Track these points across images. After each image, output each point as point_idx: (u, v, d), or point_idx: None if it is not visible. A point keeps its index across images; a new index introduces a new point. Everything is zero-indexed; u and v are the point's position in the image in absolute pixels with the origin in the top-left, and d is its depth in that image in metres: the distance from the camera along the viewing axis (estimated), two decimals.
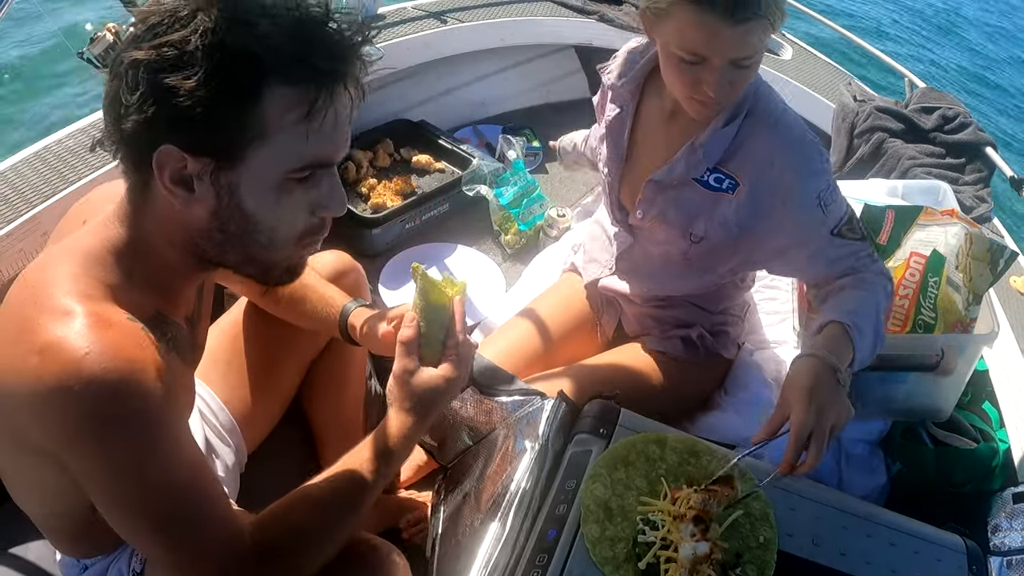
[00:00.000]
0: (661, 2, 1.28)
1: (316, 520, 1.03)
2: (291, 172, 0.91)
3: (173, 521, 0.92)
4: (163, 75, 0.82)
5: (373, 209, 2.31)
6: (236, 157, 0.88)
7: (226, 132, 0.86)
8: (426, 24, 2.67)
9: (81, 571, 1.23)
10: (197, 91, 0.82)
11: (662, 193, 1.52)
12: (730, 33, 1.23)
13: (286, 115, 0.87)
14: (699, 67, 1.29)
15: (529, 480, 1.25)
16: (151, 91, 0.83)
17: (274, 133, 0.87)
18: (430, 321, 1.16)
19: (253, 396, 1.51)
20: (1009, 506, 1.47)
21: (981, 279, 1.66)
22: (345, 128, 0.94)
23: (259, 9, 0.85)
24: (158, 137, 0.86)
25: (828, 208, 1.40)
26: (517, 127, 2.90)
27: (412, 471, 1.74)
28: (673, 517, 1.16)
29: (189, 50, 0.82)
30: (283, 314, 1.46)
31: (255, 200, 0.92)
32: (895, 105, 2.62)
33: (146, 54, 0.83)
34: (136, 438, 0.88)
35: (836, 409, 1.22)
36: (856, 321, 1.32)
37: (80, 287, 0.91)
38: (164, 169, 0.88)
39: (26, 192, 1.70)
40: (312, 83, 0.87)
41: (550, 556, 1.13)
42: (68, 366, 0.83)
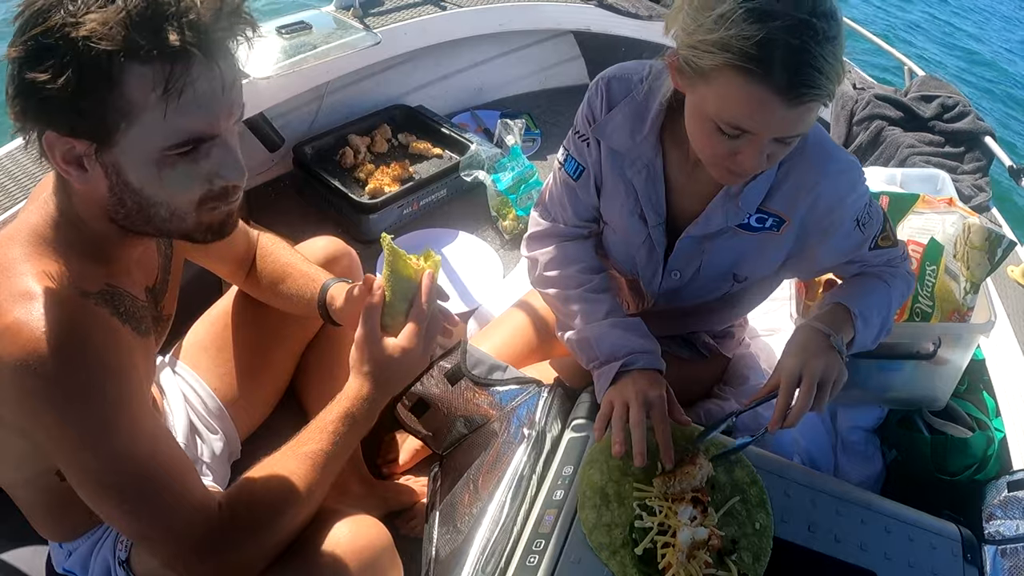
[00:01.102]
0: (704, 60, 1.06)
1: (284, 487, 1.06)
2: (166, 149, 0.91)
3: (136, 491, 0.96)
4: (26, 69, 0.84)
5: (371, 195, 2.31)
6: (109, 139, 0.89)
7: (92, 117, 0.87)
8: (424, 9, 2.66)
9: (66, 557, 1.24)
10: (53, 82, 0.83)
11: (699, 246, 1.40)
12: (784, 113, 1.05)
13: (148, 95, 0.87)
14: (737, 139, 1.11)
15: (526, 466, 1.25)
16: (19, 85, 0.86)
17: (140, 112, 0.88)
18: (395, 291, 1.17)
19: (244, 383, 1.51)
20: (1004, 494, 1.48)
21: (979, 268, 1.66)
22: (220, 99, 0.92)
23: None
24: (38, 125, 0.89)
25: (866, 227, 1.34)
26: (515, 113, 2.89)
27: (409, 455, 1.75)
28: (672, 500, 1.16)
29: (47, 43, 0.83)
30: (265, 296, 1.47)
31: (138, 177, 0.93)
32: (894, 93, 2.61)
33: (16, 50, 0.85)
34: (94, 412, 0.92)
35: (826, 360, 1.22)
36: (862, 309, 1.31)
37: (33, 266, 0.95)
38: (54, 152, 0.90)
39: (22, 179, 1.70)
40: (166, 60, 0.86)
41: (547, 541, 1.14)
42: (27, 346, 0.88)
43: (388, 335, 1.17)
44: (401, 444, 1.76)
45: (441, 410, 1.48)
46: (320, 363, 1.63)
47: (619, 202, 1.43)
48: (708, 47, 1.05)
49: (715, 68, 1.05)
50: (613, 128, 1.36)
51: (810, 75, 1.02)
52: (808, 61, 1.01)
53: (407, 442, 1.76)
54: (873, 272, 1.41)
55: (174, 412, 1.40)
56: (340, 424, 1.12)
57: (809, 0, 1.01)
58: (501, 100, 3.08)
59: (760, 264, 1.43)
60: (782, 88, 1.02)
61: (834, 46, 1.03)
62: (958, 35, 8.36)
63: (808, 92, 1.03)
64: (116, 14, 0.83)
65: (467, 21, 2.75)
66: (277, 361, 1.59)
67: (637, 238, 1.45)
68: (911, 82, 2.73)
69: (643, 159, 1.36)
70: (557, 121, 2.98)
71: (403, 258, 1.18)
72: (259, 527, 1.04)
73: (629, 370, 1.31)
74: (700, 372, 1.75)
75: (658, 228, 1.41)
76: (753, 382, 1.76)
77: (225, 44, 0.91)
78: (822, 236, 1.35)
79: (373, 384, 1.15)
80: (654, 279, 1.50)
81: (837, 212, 1.31)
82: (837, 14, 1.04)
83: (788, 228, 1.34)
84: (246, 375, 1.52)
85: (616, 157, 1.39)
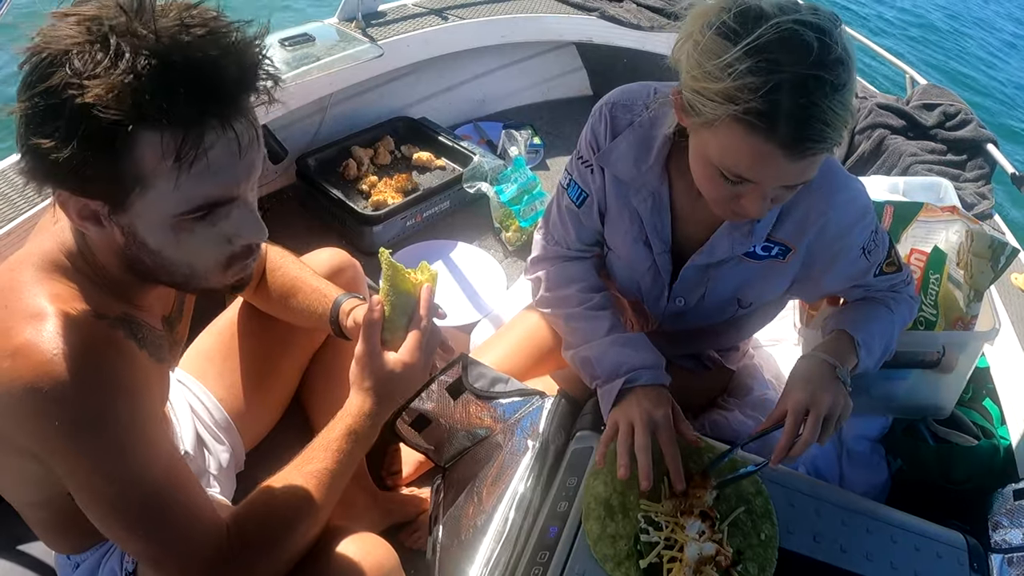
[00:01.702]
0: (707, 107, 1.04)
1: (287, 508, 1.06)
2: (180, 215, 0.88)
3: (150, 516, 0.95)
4: (31, 133, 0.81)
5: (374, 206, 2.31)
6: (122, 203, 0.86)
7: (102, 182, 0.84)
8: (427, 21, 2.67)
9: (73, 568, 1.24)
10: (58, 149, 0.79)
11: (704, 273, 1.40)
12: (787, 166, 1.03)
13: (159, 163, 0.83)
14: (740, 186, 1.10)
15: (530, 477, 1.25)
16: (24, 147, 0.83)
17: (151, 179, 0.84)
18: (394, 306, 1.18)
19: (250, 394, 1.51)
20: (1010, 503, 1.47)
21: (982, 276, 1.66)
22: (237, 163, 0.88)
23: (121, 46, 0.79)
24: (48, 184, 0.86)
25: (872, 255, 1.34)
26: (518, 124, 2.90)
27: (413, 467, 1.74)
28: (680, 512, 1.16)
29: (52, 104, 0.79)
30: (274, 310, 1.46)
31: (156, 240, 0.91)
32: (896, 102, 2.62)
33: (20, 107, 0.82)
34: (108, 435, 0.90)
35: (833, 395, 1.21)
36: (865, 337, 1.31)
37: (48, 288, 0.93)
38: (68, 208, 0.88)
39: (26, 191, 1.70)
40: (177, 128, 0.82)
41: (551, 553, 1.14)
42: (38, 368, 0.85)
43: (388, 350, 1.17)
44: (404, 456, 1.76)
45: (443, 424, 1.48)
46: (325, 374, 1.63)
47: (623, 229, 1.42)
48: (712, 96, 1.03)
49: (720, 120, 1.03)
50: (618, 157, 1.34)
51: (817, 130, 0.99)
52: (815, 115, 0.98)
53: (411, 454, 1.75)
54: (876, 297, 1.41)
55: (181, 423, 1.40)
56: (344, 442, 1.12)
57: (817, 49, 0.97)
58: (504, 112, 3.09)
59: (765, 291, 1.43)
60: (786, 143, 1.00)
61: (842, 95, 0.99)
62: (960, 43, 8.37)
63: (814, 146, 1.01)
64: (123, 79, 0.78)
65: (470, 33, 2.77)
66: (282, 372, 1.59)
67: (642, 265, 1.45)
68: (913, 90, 2.74)
69: (648, 187, 1.34)
70: (560, 133, 2.99)
71: (401, 272, 1.18)
72: (268, 547, 1.03)
73: (632, 387, 1.29)
74: (704, 383, 1.75)
75: (663, 256, 1.41)
76: (757, 392, 1.76)
77: (243, 104, 0.87)
78: (828, 263, 1.34)
79: (375, 399, 1.15)
80: (659, 303, 1.49)
81: (845, 240, 1.30)
82: (847, 58, 1.00)
83: (794, 256, 1.34)
84: (252, 386, 1.52)
85: (621, 185, 1.38)
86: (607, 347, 1.35)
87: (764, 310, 1.55)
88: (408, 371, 1.16)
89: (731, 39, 1.00)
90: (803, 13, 1.00)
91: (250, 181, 0.92)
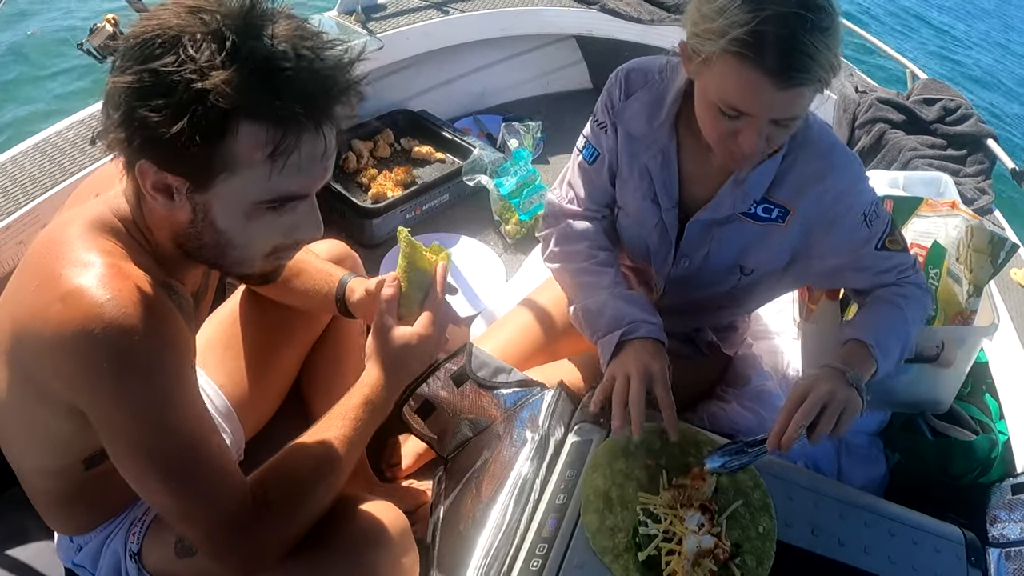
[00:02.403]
0: (705, 46, 1.16)
1: (308, 470, 1.08)
2: (260, 203, 0.95)
3: (183, 467, 0.97)
4: (138, 104, 0.85)
5: (374, 199, 2.31)
6: (206, 183, 0.92)
7: (196, 163, 0.89)
8: (427, 14, 2.67)
9: (76, 551, 1.25)
10: (166, 125, 0.85)
11: (708, 232, 1.45)
12: (776, 95, 1.13)
13: (254, 152, 0.89)
14: (737, 120, 1.19)
15: (529, 470, 1.25)
16: (127, 116, 0.87)
17: (242, 167, 0.90)
18: (411, 282, 1.21)
19: (250, 382, 1.52)
20: (1008, 497, 1.48)
21: (982, 271, 1.66)
22: (319, 165, 0.96)
23: (238, 44, 0.86)
24: (136, 154, 0.90)
25: (873, 224, 1.37)
26: (518, 117, 2.90)
27: (412, 459, 1.75)
28: (679, 504, 1.17)
29: (165, 82, 0.84)
30: (279, 294, 1.48)
31: (226, 221, 0.97)
32: (896, 96, 2.61)
33: (126, 80, 0.86)
34: (153, 383, 0.93)
35: (835, 387, 1.22)
36: (879, 339, 1.31)
37: (98, 243, 0.97)
38: (146, 178, 0.92)
39: (26, 184, 1.70)
40: (279, 125, 0.89)
41: (550, 545, 1.14)
42: (90, 311, 0.88)
43: (403, 324, 1.20)
44: (404, 448, 1.76)
45: (446, 412, 1.49)
46: (326, 362, 1.64)
47: (633, 186, 1.49)
48: (709, 35, 1.14)
49: (714, 54, 1.14)
50: (631, 114, 1.43)
51: (800, 60, 1.10)
52: (797, 47, 1.09)
53: (410, 446, 1.76)
54: (884, 296, 1.41)
55: None
56: (360, 411, 1.14)
57: None
58: (504, 105, 3.09)
59: (766, 256, 1.45)
60: (773, 71, 1.10)
61: (825, 36, 1.10)
62: (961, 38, 8.36)
63: (798, 76, 1.11)
64: (241, 74, 0.85)
65: (470, 26, 2.76)
66: (283, 360, 1.60)
67: (649, 222, 1.49)
68: (913, 85, 2.73)
69: (658, 144, 1.42)
70: (560, 126, 2.98)
71: (419, 250, 1.22)
72: (288, 508, 1.06)
73: (631, 339, 1.34)
74: (701, 371, 1.76)
75: (671, 212, 1.46)
76: (755, 383, 1.76)
77: (335, 114, 0.94)
78: (828, 227, 1.38)
79: (390, 371, 1.17)
80: (665, 264, 1.53)
81: (844, 201, 1.35)
82: (830, 8, 1.12)
83: (793, 219, 1.38)
84: (252, 374, 1.53)
85: (632, 142, 1.46)
86: (608, 299, 1.41)
87: (766, 285, 1.55)
88: (422, 343, 1.18)
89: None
90: None
91: (324, 182, 0.99)
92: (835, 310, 1.72)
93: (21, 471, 1.17)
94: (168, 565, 1.21)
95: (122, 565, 1.23)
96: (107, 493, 1.19)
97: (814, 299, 1.75)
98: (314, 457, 1.09)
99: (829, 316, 1.72)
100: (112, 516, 1.23)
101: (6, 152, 1.79)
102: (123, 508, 1.24)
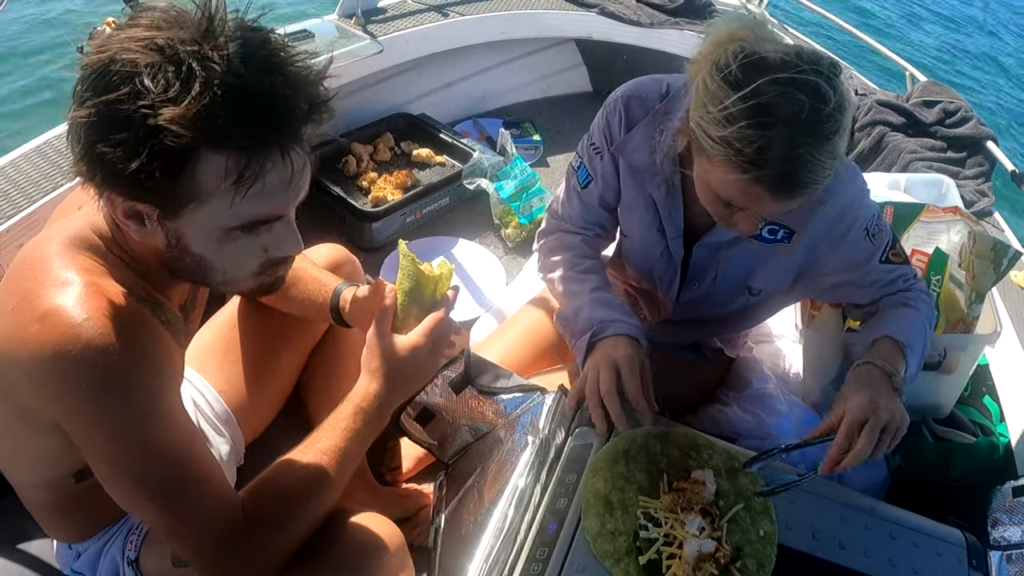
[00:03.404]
0: (707, 145, 1.12)
1: (300, 484, 1.07)
2: (230, 229, 0.94)
3: (170, 486, 0.95)
4: (97, 140, 0.84)
5: (373, 203, 2.31)
6: (175, 212, 0.91)
7: (160, 194, 0.88)
8: (426, 17, 2.67)
9: (75, 558, 1.25)
10: (124, 161, 0.83)
11: (715, 255, 1.45)
12: (774, 204, 1.13)
13: (218, 182, 0.88)
14: (734, 208, 1.20)
15: (529, 474, 1.25)
16: (87, 151, 0.85)
17: (208, 196, 0.89)
18: (408, 295, 1.20)
19: (250, 387, 1.52)
20: (1009, 500, 1.48)
21: (984, 277, 1.65)
22: (287, 188, 0.93)
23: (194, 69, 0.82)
24: (101, 186, 0.89)
25: (875, 237, 1.37)
26: (517, 121, 2.90)
27: (413, 463, 1.75)
28: (680, 508, 1.17)
29: (120, 117, 0.82)
30: (276, 301, 1.47)
31: (199, 246, 0.96)
32: (896, 99, 2.62)
33: (83, 114, 0.84)
34: (133, 403, 0.91)
35: (892, 408, 1.19)
36: (908, 339, 1.31)
37: (77, 261, 0.95)
38: (115, 207, 0.91)
39: (25, 187, 1.70)
40: (243, 153, 0.86)
41: (551, 550, 1.14)
42: (67, 332, 0.87)
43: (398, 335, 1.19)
44: (404, 452, 1.76)
45: (446, 419, 1.49)
46: (325, 368, 1.63)
47: (639, 215, 1.47)
48: (713, 136, 1.10)
49: (716, 157, 1.12)
50: (634, 147, 1.41)
51: (802, 178, 1.08)
52: (801, 166, 1.07)
53: (410, 450, 1.75)
54: (898, 300, 1.40)
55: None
56: (352, 420, 1.13)
57: (808, 110, 1.04)
58: (503, 108, 3.09)
59: (773, 276, 1.45)
60: (774, 188, 1.10)
61: (831, 143, 1.07)
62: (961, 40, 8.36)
63: (799, 191, 1.10)
64: (198, 104, 0.81)
65: (469, 29, 2.76)
66: (282, 365, 1.60)
67: (655, 250, 1.49)
68: (913, 87, 2.73)
69: (663, 174, 1.40)
70: (560, 129, 2.99)
71: (417, 264, 1.21)
72: (281, 521, 1.04)
73: (600, 338, 1.34)
74: (703, 374, 1.76)
75: (676, 240, 1.45)
76: (756, 386, 1.76)
77: (302, 135, 0.92)
78: (833, 245, 1.37)
79: (382, 380, 1.16)
80: (671, 288, 1.53)
81: (847, 216, 1.34)
82: (841, 107, 1.06)
83: (799, 239, 1.36)
84: (252, 379, 1.53)
85: (636, 173, 1.44)
86: (584, 305, 1.42)
87: (773, 303, 1.56)
88: (415, 354, 1.16)
89: (734, 88, 1.07)
90: (804, 67, 1.05)
91: (296, 203, 0.98)
92: (837, 317, 1.72)
93: (14, 482, 1.17)
94: (165, 573, 1.20)
95: (120, 572, 1.23)
96: (101, 503, 1.17)
97: (816, 306, 1.75)
98: (306, 470, 1.07)
99: (831, 323, 1.72)
100: (109, 524, 1.23)
101: (6, 156, 1.79)
102: (120, 515, 1.23)
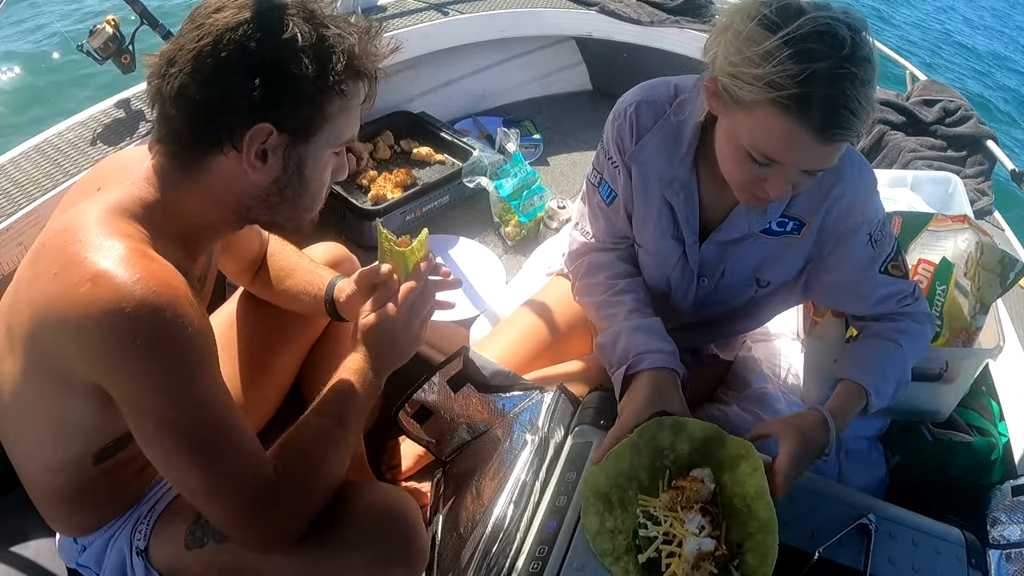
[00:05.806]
0: (744, 91, 1.11)
1: (317, 443, 1.13)
2: (336, 148, 1.11)
3: (211, 441, 0.99)
4: (280, 65, 0.97)
5: (373, 201, 2.31)
6: (310, 136, 1.05)
7: (312, 115, 1.03)
8: (426, 16, 2.66)
9: (80, 552, 1.25)
10: (306, 83, 0.99)
11: (723, 251, 1.44)
12: (816, 149, 1.11)
13: (348, 104, 1.05)
14: (767, 167, 1.17)
15: (529, 472, 1.25)
16: (265, 78, 0.97)
17: (336, 118, 1.05)
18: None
19: (249, 384, 1.52)
20: (1008, 499, 1.48)
21: (989, 289, 1.65)
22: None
23: (328, 28, 1.02)
24: (256, 116, 0.99)
25: (878, 244, 1.37)
26: (517, 119, 2.90)
27: (412, 461, 1.74)
28: (680, 507, 1.16)
29: (300, 46, 0.98)
30: (270, 294, 1.49)
31: (312, 170, 1.09)
32: (896, 97, 2.61)
33: (258, 47, 0.97)
34: (182, 359, 0.96)
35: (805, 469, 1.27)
36: (876, 384, 1.34)
37: (119, 227, 0.99)
38: (253, 144, 1.00)
39: (26, 185, 1.70)
40: (367, 80, 1.08)
41: (550, 548, 1.14)
42: (120, 290, 0.91)
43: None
44: (404, 450, 1.76)
45: (444, 417, 1.49)
46: (324, 363, 1.62)
47: (652, 224, 1.46)
48: (751, 80, 1.09)
49: (755, 101, 1.10)
50: (647, 156, 1.39)
51: (845, 117, 1.07)
52: (845, 104, 1.06)
53: (410, 449, 1.75)
54: (882, 333, 1.41)
55: None
56: (349, 387, 1.18)
57: (849, 44, 1.05)
58: (503, 106, 3.09)
59: (782, 268, 1.45)
60: (817, 127, 1.08)
61: (868, 90, 1.08)
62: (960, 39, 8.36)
63: (841, 133, 1.09)
64: (362, 42, 1.05)
65: (469, 27, 2.76)
66: (282, 362, 1.60)
67: (671, 258, 1.48)
68: (913, 86, 2.73)
69: (680, 180, 1.38)
70: (559, 127, 2.98)
71: (392, 242, 1.26)
72: (309, 477, 1.09)
73: (637, 373, 1.33)
74: (703, 374, 1.76)
75: (693, 247, 1.44)
76: (756, 386, 1.76)
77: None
78: (837, 242, 1.37)
79: (362, 349, 1.22)
80: (688, 294, 1.53)
81: (854, 215, 1.34)
82: (873, 58, 1.09)
83: (808, 231, 1.37)
84: (251, 375, 1.53)
85: (648, 180, 1.42)
86: (619, 334, 1.40)
87: (779, 295, 1.56)
88: (389, 324, 1.22)
89: (771, 29, 1.07)
90: (836, 12, 1.08)
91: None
92: (839, 326, 1.72)
93: (27, 471, 1.17)
94: (176, 560, 1.21)
95: (127, 563, 1.23)
96: (113, 491, 1.20)
97: (819, 312, 1.75)
98: (320, 431, 1.13)
99: (833, 331, 1.72)
100: (117, 515, 1.23)
101: (6, 154, 1.79)
102: (128, 507, 1.24)
